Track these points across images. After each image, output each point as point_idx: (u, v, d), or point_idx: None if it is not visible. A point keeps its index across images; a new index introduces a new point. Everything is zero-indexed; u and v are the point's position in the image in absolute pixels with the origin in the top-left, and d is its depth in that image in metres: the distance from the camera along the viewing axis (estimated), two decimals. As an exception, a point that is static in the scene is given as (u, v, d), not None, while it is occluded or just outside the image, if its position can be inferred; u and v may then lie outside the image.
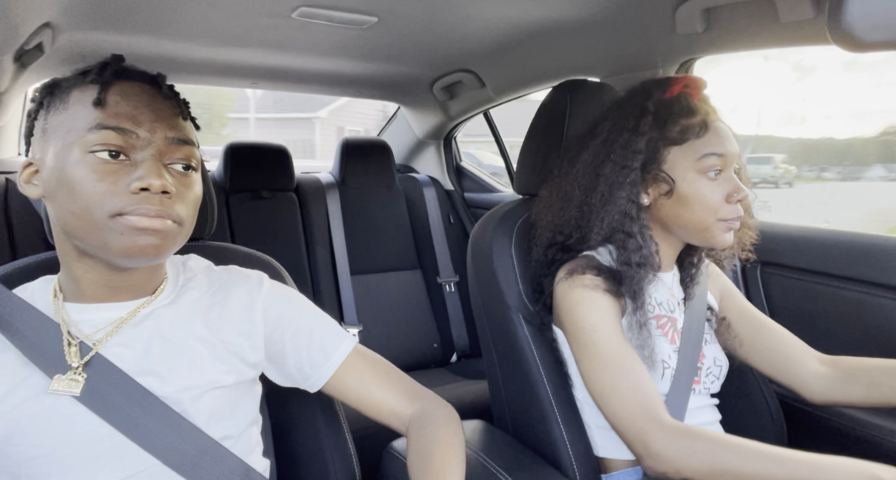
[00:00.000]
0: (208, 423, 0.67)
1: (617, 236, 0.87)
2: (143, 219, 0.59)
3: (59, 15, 1.14)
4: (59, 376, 0.62)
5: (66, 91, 0.63)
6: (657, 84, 0.89)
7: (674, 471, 0.73)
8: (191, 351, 0.68)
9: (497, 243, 1.02)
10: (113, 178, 0.59)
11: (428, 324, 2.13)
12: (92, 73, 0.62)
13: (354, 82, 1.98)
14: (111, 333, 0.66)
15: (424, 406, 0.77)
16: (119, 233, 0.59)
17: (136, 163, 0.60)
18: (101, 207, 0.58)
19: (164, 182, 0.60)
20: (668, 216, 0.88)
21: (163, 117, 0.63)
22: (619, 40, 1.29)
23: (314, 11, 1.17)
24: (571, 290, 0.86)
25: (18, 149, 1.92)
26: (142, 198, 0.59)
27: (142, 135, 0.61)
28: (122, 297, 0.67)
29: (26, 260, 0.78)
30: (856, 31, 0.49)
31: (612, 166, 0.87)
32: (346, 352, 0.76)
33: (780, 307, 1.19)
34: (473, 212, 2.34)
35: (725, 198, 0.84)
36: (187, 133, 0.65)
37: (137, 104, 0.62)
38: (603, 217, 0.87)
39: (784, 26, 1.00)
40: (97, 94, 0.60)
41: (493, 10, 1.20)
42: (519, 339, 0.98)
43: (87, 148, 0.59)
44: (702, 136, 0.84)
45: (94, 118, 0.60)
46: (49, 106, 0.64)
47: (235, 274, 0.76)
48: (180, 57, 1.55)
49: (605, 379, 0.81)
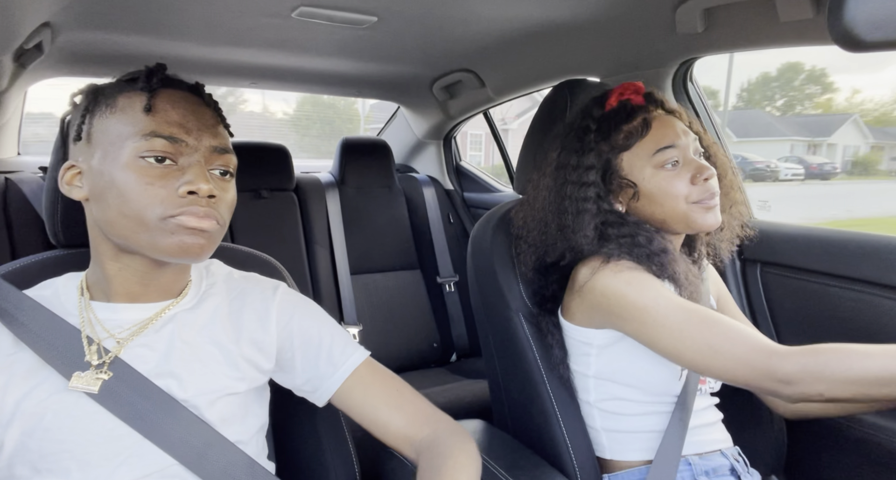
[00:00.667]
0: (221, 428, 0.68)
1: (622, 242, 0.87)
2: (192, 219, 0.62)
3: (58, 14, 1.14)
4: (79, 373, 0.63)
5: (112, 97, 0.65)
6: (595, 101, 0.93)
7: (816, 393, 0.69)
8: (208, 356, 0.69)
9: (497, 243, 1.02)
10: (162, 183, 0.62)
11: (427, 324, 2.12)
12: (140, 81, 0.65)
13: (354, 82, 1.98)
14: (135, 333, 0.67)
15: (437, 432, 0.73)
16: (170, 233, 0.62)
17: (182, 168, 0.64)
18: (153, 210, 0.62)
19: (210, 186, 0.63)
20: (646, 215, 0.89)
21: (207, 125, 0.66)
22: (618, 40, 1.29)
23: (314, 11, 1.17)
24: (616, 275, 0.83)
25: (18, 149, 1.92)
26: (190, 200, 0.63)
27: (190, 143, 0.64)
28: (150, 298, 0.69)
29: (28, 260, 0.78)
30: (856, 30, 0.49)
31: (571, 187, 0.89)
32: (355, 365, 0.75)
33: (780, 307, 1.18)
34: (473, 212, 2.34)
35: (690, 180, 0.85)
36: (227, 141, 0.69)
37: (184, 112, 0.65)
38: (582, 224, 0.88)
39: (784, 26, 1.00)
40: (146, 101, 0.63)
41: (493, 9, 1.20)
42: (519, 339, 0.97)
43: (138, 153, 0.62)
44: (646, 135, 0.86)
45: (146, 125, 0.63)
46: (94, 111, 0.65)
47: (253, 283, 0.78)
48: (180, 56, 1.55)
49: (695, 345, 0.76)
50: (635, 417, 0.89)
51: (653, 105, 0.90)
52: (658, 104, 0.91)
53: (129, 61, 1.58)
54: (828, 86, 27.40)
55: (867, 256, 1.03)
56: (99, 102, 0.65)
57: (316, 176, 2.17)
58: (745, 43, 1.11)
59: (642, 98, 0.90)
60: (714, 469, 0.88)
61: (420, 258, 2.22)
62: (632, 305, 0.80)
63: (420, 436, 0.73)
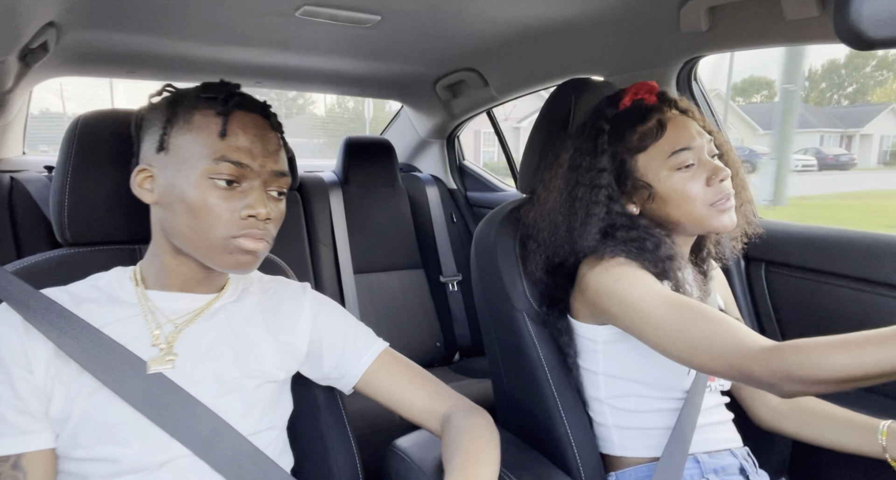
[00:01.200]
0: (263, 412, 0.75)
1: (629, 247, 0.86)
2: (250, 242, 0.69)
3: (63, 14, 1.14)
4: (152, 357, 0.70)
5: (189, 112, 0.70)
6: (608, 101, 0.92)
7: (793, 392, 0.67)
8: (253, 345, 0.76)
9: (501, 242, 1.02)
10: (227, 205, 0.68)
11: (431, 323, 2.13)
12: (218, 104, 0.70)
13: (357, 81, 1.98)
14: (190, 321, 0.74)
15: (457, 404, 0.81)
16: (228, 253, 0.69)
17: (244, 191, 0.69)
18: (218, 231, 0.68)
19: (268, 210, 0.70)
20: (661, 217, 0.89)
21: (270, 151, 0.71)
22: (623, 39, 1.29)
23: (317, 10, 1.17)
24: (607, 272, 0.84)
25: (23, 149, 1.93)
26: (249, 223, 0.69)
27: (254, 168, 0.69)
28: (201, 290, 0.77)
29: (35, 258, 0.78)
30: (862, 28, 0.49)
31: (583, 189, 0.89)
32: (379, 351, 0.83)
33: (784, 306, 1.18)
34: (476, 211, 2.34)
35: (706, 182, 0.85)
36: (285, 165, 0.74)
37: (253, 138, 0.70)
38: (589, 229, 0.87)
39: (789, 24, 0.99)
40: (221, 126, 0.68)
41: (497, 8, 1.20)
42: (523, 338, 0.97)
43: (208, 174, 0.68)
44: (661, 136, 0.86)
45: (218, 149, 0.68)
46: (172, 122, 0.70)
47: (282, 284, 0.86)
48: (184, 55, 1.56)
49: (678, 340, 0.75)
50: (645, 414, 0.90)
51: (667, 105, 0.89)
52: (672, 104, 0.90)
53: (133, 61, 1.58)
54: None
55: (873, 256, 1.03)
56: (178, 115, 0.70)
57: (319, 175, 2.17)
58: (750, 41, 1.11)
59: (656, 97, 0.90)
60: (723, 467, 0.88)
61: (423, 257, 2.22)
62: (621, 301, 0.81)
63: (442, 410, 0.81)
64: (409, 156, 2.57)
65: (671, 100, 0.91)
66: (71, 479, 0.66)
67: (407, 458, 0.85)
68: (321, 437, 0.87)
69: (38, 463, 0.64)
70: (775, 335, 1.19)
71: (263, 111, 0.74)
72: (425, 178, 2.35)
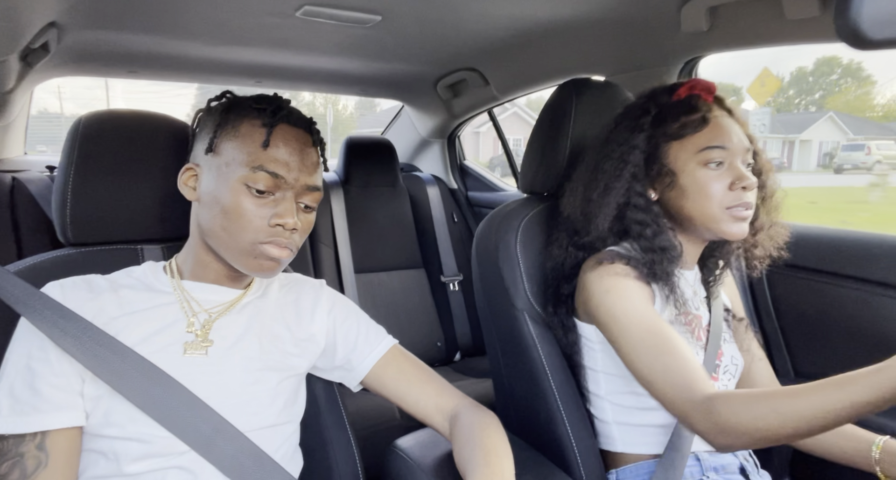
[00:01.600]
0: (284, 405, 0.77)
1: (633, 228, 0.88)
2: (275, 249, 0.72)
3: (64, 14, 1.15)
4: (187, 341, 0.73)
5: (239, 119, 0.74)
6: (665, 88, 0.92)
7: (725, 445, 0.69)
8: (277, 338, 0.80)
9: (502, 242, 1.02)
10: (260, 212, 0.72)
11: (432, 323, 2.13)
12: (266, 116, 0.73)
13: (358, 81, 1.98)
14: (223, 312, 0.77)
15: (464, 402, 0.84)
16: (253, 257, 0.72)
17: (276, 200, 0.73)
18: (247, 236, 0.71)
19: (296, 221, 0.73)
20: (675, 208, 0.89)
21: (307, 166, 0.74)
22: (624, 38, 1.29)
23: (318, 10, 1.18)
24: (601, 279, 0.86)
25: (24, 148, 1.93)
26: (276, 231, 0.72)
27: (289, 180, 0.73)
28: (231, 286, 0.80)
29: (37, 258, 0.79)
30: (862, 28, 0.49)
31: (610, 162, 0.89)
32: (388, 346, 0.86)
33: (784, 306, 1.18)
34: (477, 211, 2.34)
35: (729, 186, 0.85)
36: (319, 180, 0.77)
37: (292, 151, 0.73)
38: (603, 208, 0.88)
39: (790, 24, 0.99)
40: (266, 137, 0.72)
41: (498, 8, 1.20)
42: (524, 338, 0.98)
43: (245, 181, 0.71)
44: (700, 130, 0.85)
45: (258, 158, 0.71)
46: (223, 127, 0.74)
47: (299, 280, 0.89)
48: (185, 55, 1.56)
49: (641, 366, 0.79)
50: (645, 411, 0.90)
51: (719, 106, 0.89)
52: (724, 107, 0.89)
53: (134, 61, 1.59)
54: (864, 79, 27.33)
55: (873, 256, 1.03)
56: (229, 120, 0.74)
57: (320, 175, 2.17)
58: (751, 41, 1.11)
59: (713, 98, 0.89)
60: (723, 466, 0.89)
61: (424, 257, 2.22)
62: (606, 311, 0.84)
63: (450, 406, 0.83)
64: (409, 156, 2.57)
65: (726, 106, 0.90)
66: (101, 459, 0.67)
67: (408, 458, 0.85)
68: (322, 437, 0.87)
69: (62, 445, 0.65)
70: (776, 334, 1.19)
71: (308, 127, 0.77)
72: (426, 178, 2.35)
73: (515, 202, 1.09)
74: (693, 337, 0.90)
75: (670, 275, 0.86)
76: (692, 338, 0.89)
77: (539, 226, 1.05)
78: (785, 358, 1.18)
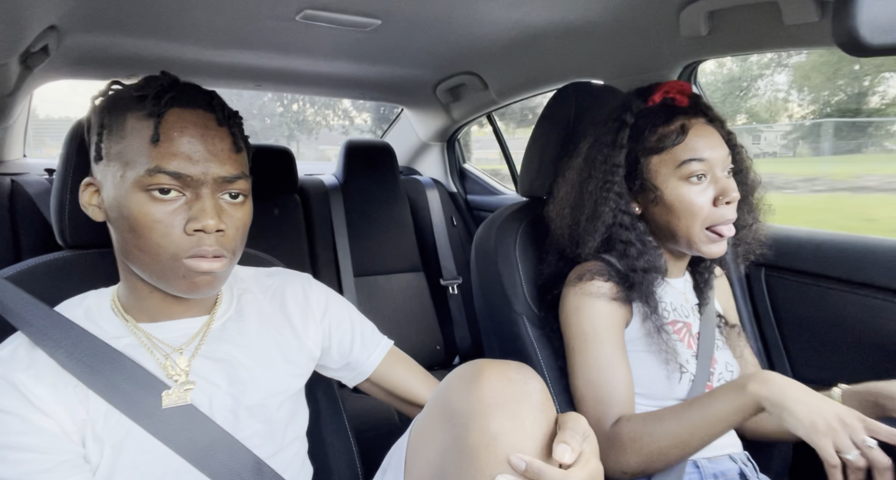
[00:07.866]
0: (286, 427, 0.72)
1: (617, 246, 0.88)
2: (202, 262, 0.61)
3: (64, 17, 1.15)
4: (167, 392, 0.64)
5: (122, 115, 0.62)
6: (638, 94, 0.90)
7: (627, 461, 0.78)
8: (267, 358, 0.71)
9: (501, 245, 1.02)
10: (172, 220, 0.60)
11: (431, 326, 2.12)
12: (148, 103, 0.60)
13: (358, 84, 1.98)
14: (197, 348, 0.68)
15: None
16: (181, 277, 0.61)
17: (189, 202, 0.61)
18: (164, 250, 0.60)
19: (218, 221, 0.61)
20: (660, 223, 0.89)
21: (215, 154, 0.61)
22: (623, 43, 1.29)
23: (318, 14, 1.18)
24: (575, 296, 0.88)
25: (24, 152, 1.93)
26: (198, 239, 0.60)
27: (195, 176, 0.60)
28: (190, 314, 0.69)
29: (34, 261, 0.78)
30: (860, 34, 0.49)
31: (594, 183, 0.89)
32: (387, 348, 0.84)
33: (784, 311, 1.18)
34: (476, 215, 2.34)
35: (713, 201, 0.84)
36: (239, 167, 0.64)
37: (192, 139, 0.60)
38: (592, 232, 0.88)
39: (788, 29, 1.00)
40: (154, 130, 0.59)
41: (497, 12, 1.20)
42: (523, 341, 0.97)
43: (143, 186, 0.59)
44: (679, 143, 0.84)
45: (150, 158, 0.59)
46: (109, 128, 0.62)
47: (283, 277, 0.80)
48: (185, 59, 1.56)
49: (579, 384, 0.86)
50: None
51: (695, 110, 0.87)
52: (701, 111, 0.88)
53: (134, 64, 1.59)
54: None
55: (872, 260, 1.03)
56: (112, 121, 0.62)
57: (320, 178, 2.18)
58: (750, 46, 1.11)
59: (687, 99, 0.88)
60: (723, 472, 0.88)
61: (423, 260, 2.22)
62: (568, 327, 0.89)
63: None
64: (409, 160, 2.57)
65: (702, 105, 0.89)
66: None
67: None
68: (322, 439, 0.87)
69: None
70: (776, 339, 1.19)
71: (209, 104, 0.63)
72: (425, 182, 2.35)
73: (514, 205, 1.09)
74: (684, 345, 0.89)
75: (651, 295, 0.86)
76: (683, 347, 0.89)
77: (538, 229, 1.05)
78: (785, 363, 1.18)
